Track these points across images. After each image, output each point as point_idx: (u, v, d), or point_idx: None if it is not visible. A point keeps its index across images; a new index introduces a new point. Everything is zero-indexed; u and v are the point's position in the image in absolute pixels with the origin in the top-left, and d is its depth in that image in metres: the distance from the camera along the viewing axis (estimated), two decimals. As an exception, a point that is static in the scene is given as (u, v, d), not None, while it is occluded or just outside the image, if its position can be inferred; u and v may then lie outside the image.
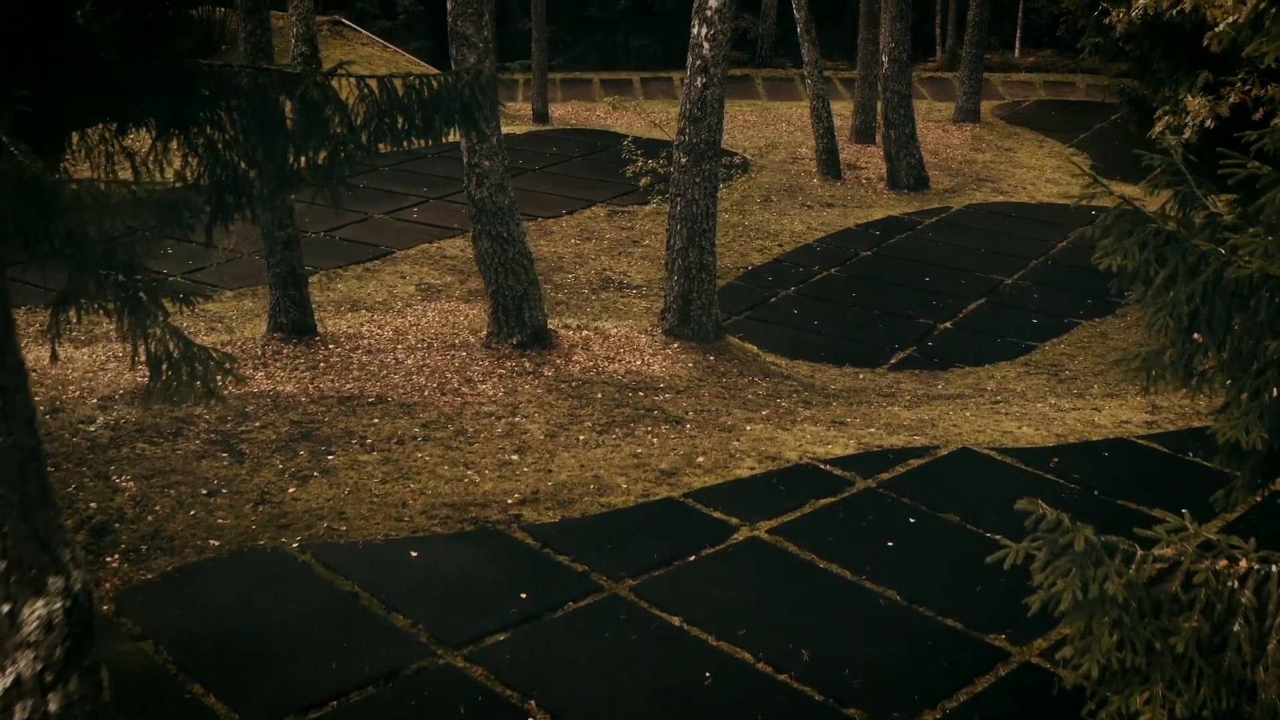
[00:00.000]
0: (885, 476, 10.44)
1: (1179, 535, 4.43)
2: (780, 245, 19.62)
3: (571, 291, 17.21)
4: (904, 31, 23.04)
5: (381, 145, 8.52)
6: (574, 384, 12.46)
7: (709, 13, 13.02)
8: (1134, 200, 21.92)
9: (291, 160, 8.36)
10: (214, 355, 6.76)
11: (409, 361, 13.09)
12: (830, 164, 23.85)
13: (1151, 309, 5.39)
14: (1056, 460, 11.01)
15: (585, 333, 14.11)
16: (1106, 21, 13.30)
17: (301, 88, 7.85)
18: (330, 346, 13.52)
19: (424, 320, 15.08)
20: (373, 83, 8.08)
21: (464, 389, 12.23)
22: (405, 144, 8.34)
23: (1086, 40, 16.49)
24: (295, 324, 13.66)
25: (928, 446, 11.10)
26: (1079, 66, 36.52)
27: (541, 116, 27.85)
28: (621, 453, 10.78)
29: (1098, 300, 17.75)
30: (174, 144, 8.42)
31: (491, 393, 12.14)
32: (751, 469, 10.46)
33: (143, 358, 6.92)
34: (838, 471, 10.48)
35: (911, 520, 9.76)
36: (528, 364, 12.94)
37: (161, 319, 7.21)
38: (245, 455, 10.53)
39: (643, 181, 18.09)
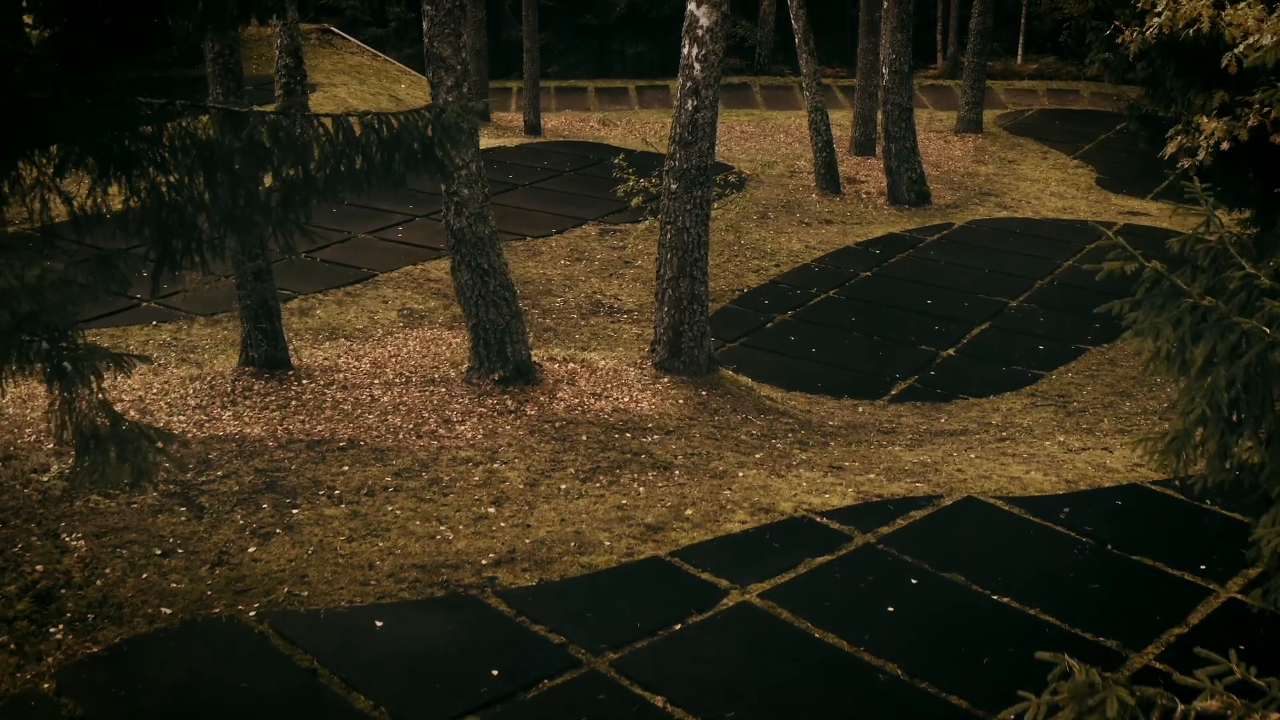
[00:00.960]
0: (885, 530, 9.81)
1: (1224, 679, 3.80)
2: (777, 265, 18.99)
3: (560, 316, 16.58)
4: (905, 43, 22.40)
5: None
6: (558, 424, 11.83)
7: (700, 32, 12.38)
8: (1140, 214, 21.07)
9: (242, 204, 7.74)
10: (149, 433, 6.14)
11: (385, 399, 12.46)
12: (829, 178, 23.21)
13: (1187, 395, 4.74)
14: (1067, 510, 10.39)
15: (571, 366, 13.48)
16: (1119, 41, 12.66)
17: (248, 129, 7.24)
18: (304, 382, 12.89)
19: (404, 350, 14.46)
20: (327, 121, 7.47)
21: (441, 431, 11.61)
22: (365, 190, 7.74)
23: (1095, 56, 15.85)
24: (267, 358, 13.04)
25: (930, 496, 10.47)
26: (1082, 74, 35.91)
27: (533, 128, 27.21)
28: (605, 504, 10.15)
29: (1105, 324, 17.10)
30: (114, 187, 7.80)
31: (470, 435, 11.51)
32: (743, 522, 9.83)
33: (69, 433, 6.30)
34: (835, 525, 9.85)
35: (913, 581, 9.13)
36: (510, 401, 12.31)
37: (93, 387, 6.58)
38: (205, 509, 9.90)
39: (634, 201, 17.47)
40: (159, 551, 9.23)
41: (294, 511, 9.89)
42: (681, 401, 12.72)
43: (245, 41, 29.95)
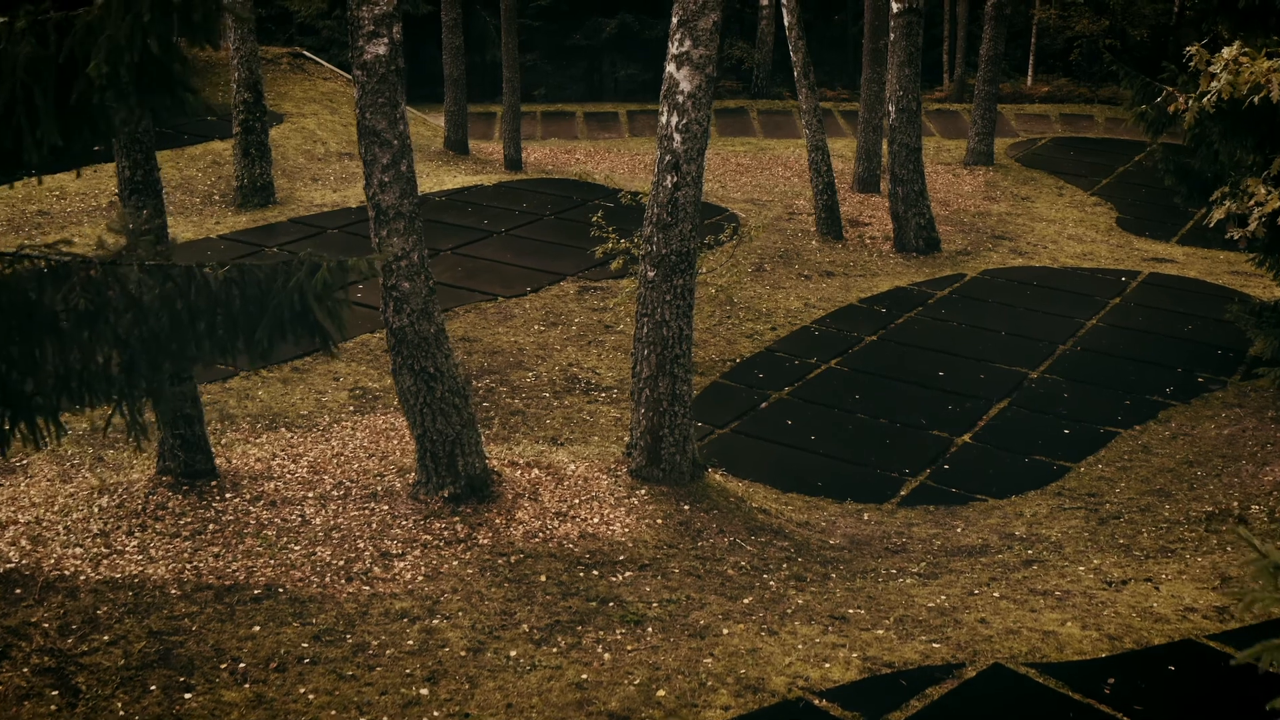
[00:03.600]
0: (897, 718, 8.14)
1: None
2: (773, 329, 17.31)
3: (530, 395, 14.90)
4: (913, 78, 20.70)
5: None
6: (513, 559, 10.15)
7: (680, 98, 10.71)
8: (1165, 260, 18.97)
9: (78, 369, 6.06)
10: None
11: (317, 521, 10.79)
12: (830, 222, 21.53)
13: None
14: (1113, 681, 8.71)
15: (535, 472, 11.81)
16: (1171, 109, 11.01)
17: (64, 290, 5.56)
18: (227, 496, 11.22)
19: (350, 446, 12.79)
20: (179, 273, 5.80)
21: (376, 570, 9.93)
22: (230, 356, 6.07)
23: (1132, 109, 14.25)
24: (186, 468, 11.39)
25: (951, 665, 8.79)
26: (1096, 96, 34.26)
27: (514, 163, 25.53)
28: (562, 680, 8.47)
29: (1136, 400, 15.45)
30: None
31: (409, 576, 9.83)
32: (726, 708, 8.16)
33: None
34: (837, 711, 8.18)
35: (933, 798, 7.47)
36: (460, 526, 10.64)
37: None
38: (80, 693, 8.23)
39: (613, 265, 15.81)
40: (13, 759, 7.57)
41: (186, 696, 8.21)
42: (660, 522, 11.05)
43: (211, 67, 28.33)
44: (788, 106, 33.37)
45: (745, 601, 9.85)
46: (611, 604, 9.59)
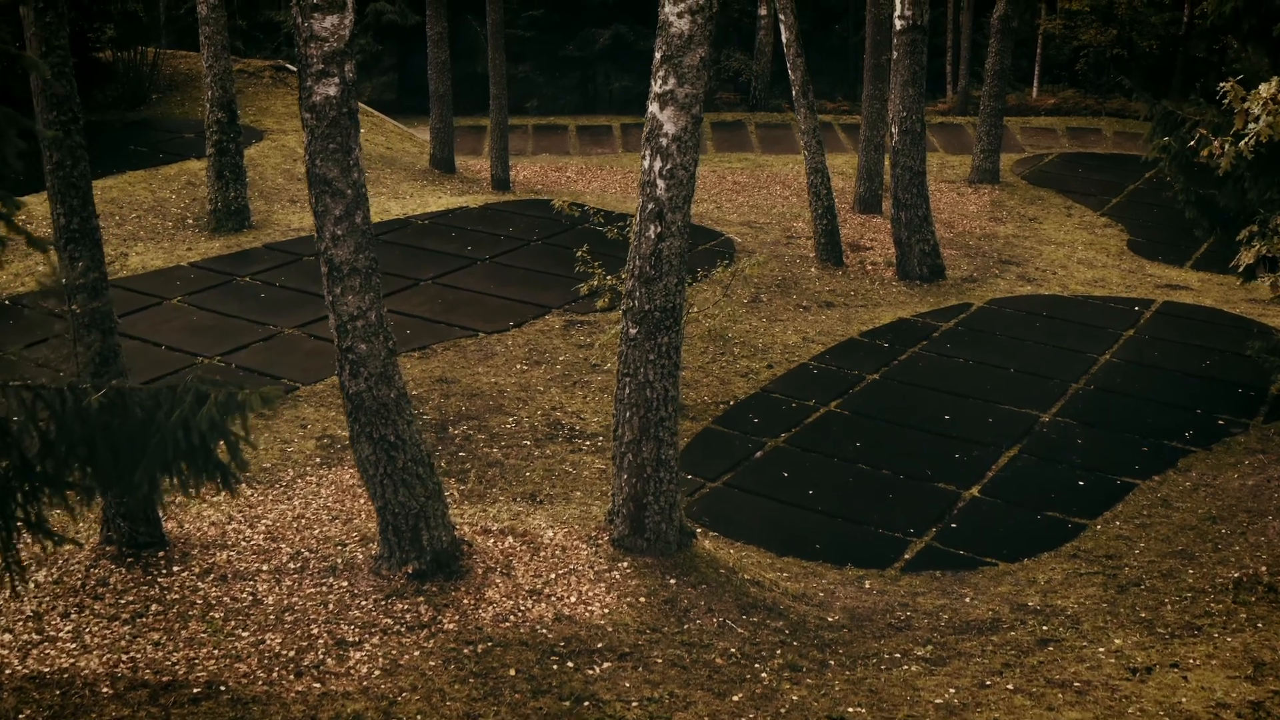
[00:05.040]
0: None
1: None
2: (770, 367, 16.41)
3: (510, 444, 14.01)
4: (916, 98, 19.80)
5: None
6: (480, 649, 9.26)
7: (664, 141, 9.81)
8: (1180, 287, 17.92)
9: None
10: None
11: (270, 600, 9.91)
12: (830, 248, 20.64)
13: None
14: (1143, 800, 7.84)
15: (510, 540, 10.93)
16: (1206, 153, 10.14)
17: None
18: (175, 570, 10.34)
19: (312, 506, 11.92)
20: (50, 395, 4.91)
21: (329, 661, 9.04)
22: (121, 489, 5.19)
23: (1154, 141, 13.37)
24: (130, 539, 10.51)
25: (962, 781, 7.91)
26: (1103, 108, 33.37)
27: (501, 183, 24.63)
28: (527, 804, 7.59)
29: (1153, 446, 14.56)
30: None
31: (365, 670, 8.94)
32: (711, 839, 7.28)
33: None
34: (835, 843, 7.30)
35: None
36: (424, 608, 9.75)
37: None
38: (-16, 821, 7.35)
39: (599, 303, 14.93)
40: None
41: (104, 826, 7.33)
42: (643, 600, 10.16)
43: (191, 79, 27.46)
44: (787, 119, 32.47)
45: (734, 699, 8.96)
46: (587, 704, 8.70)
